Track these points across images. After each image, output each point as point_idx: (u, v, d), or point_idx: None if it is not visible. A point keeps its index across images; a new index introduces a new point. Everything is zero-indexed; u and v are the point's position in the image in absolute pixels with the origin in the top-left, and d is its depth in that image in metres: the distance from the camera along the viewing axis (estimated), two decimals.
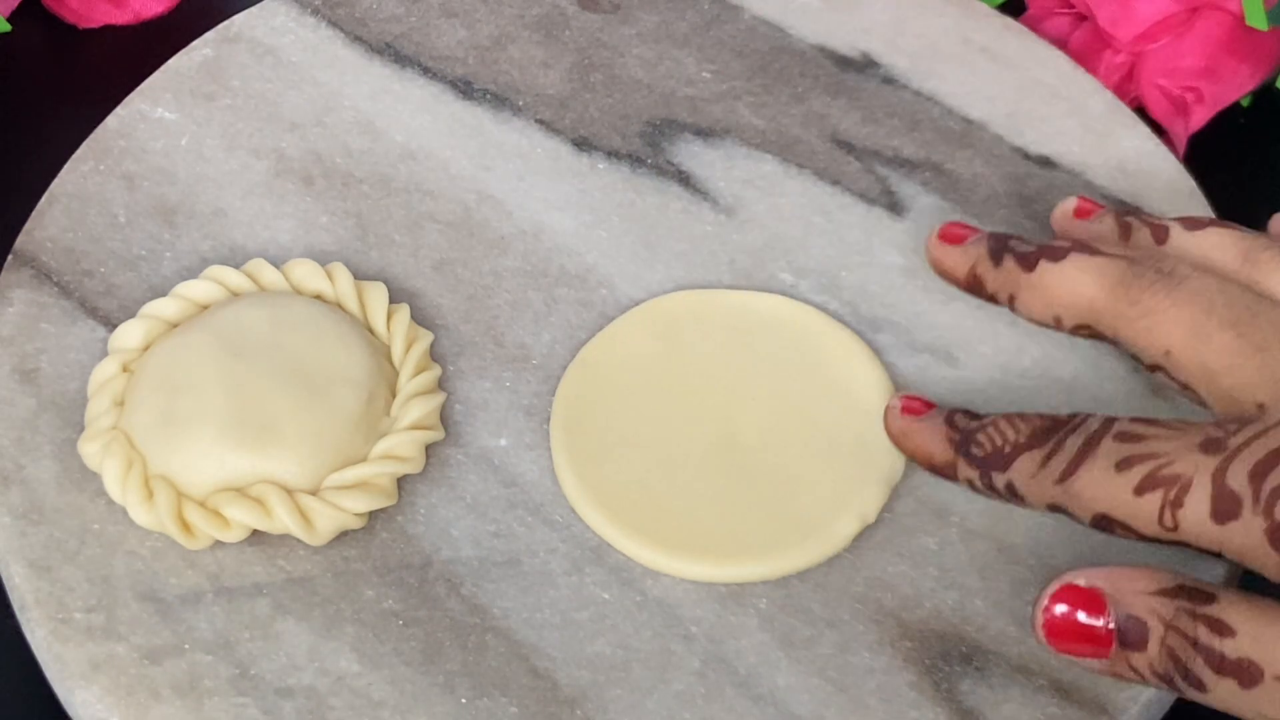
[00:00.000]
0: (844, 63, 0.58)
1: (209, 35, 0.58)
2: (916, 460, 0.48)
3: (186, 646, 0.46)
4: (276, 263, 0.53)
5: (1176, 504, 0.41)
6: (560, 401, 0.50)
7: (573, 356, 0.51)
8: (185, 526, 0.47)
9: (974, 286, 0.50)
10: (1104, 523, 0.43)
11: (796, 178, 0.55)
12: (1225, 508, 0.40)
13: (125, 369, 0.50)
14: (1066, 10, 0.64)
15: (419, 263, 0.53)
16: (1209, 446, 0.41)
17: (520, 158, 0.56)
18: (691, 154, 0.56)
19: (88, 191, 0.54)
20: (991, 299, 0.49)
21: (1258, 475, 0.40)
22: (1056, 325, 0.48)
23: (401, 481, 0.49)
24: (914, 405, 0.48)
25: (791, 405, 0.49)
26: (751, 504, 0.48)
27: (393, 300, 0.52)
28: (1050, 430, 0.44)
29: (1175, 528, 0.41)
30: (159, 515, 0.47)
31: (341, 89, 0.57)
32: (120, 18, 0.66)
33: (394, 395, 0.50)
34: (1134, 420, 0.43)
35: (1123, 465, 0.42)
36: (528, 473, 0.49)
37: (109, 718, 0.45)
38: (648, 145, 0.56)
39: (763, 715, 0.45)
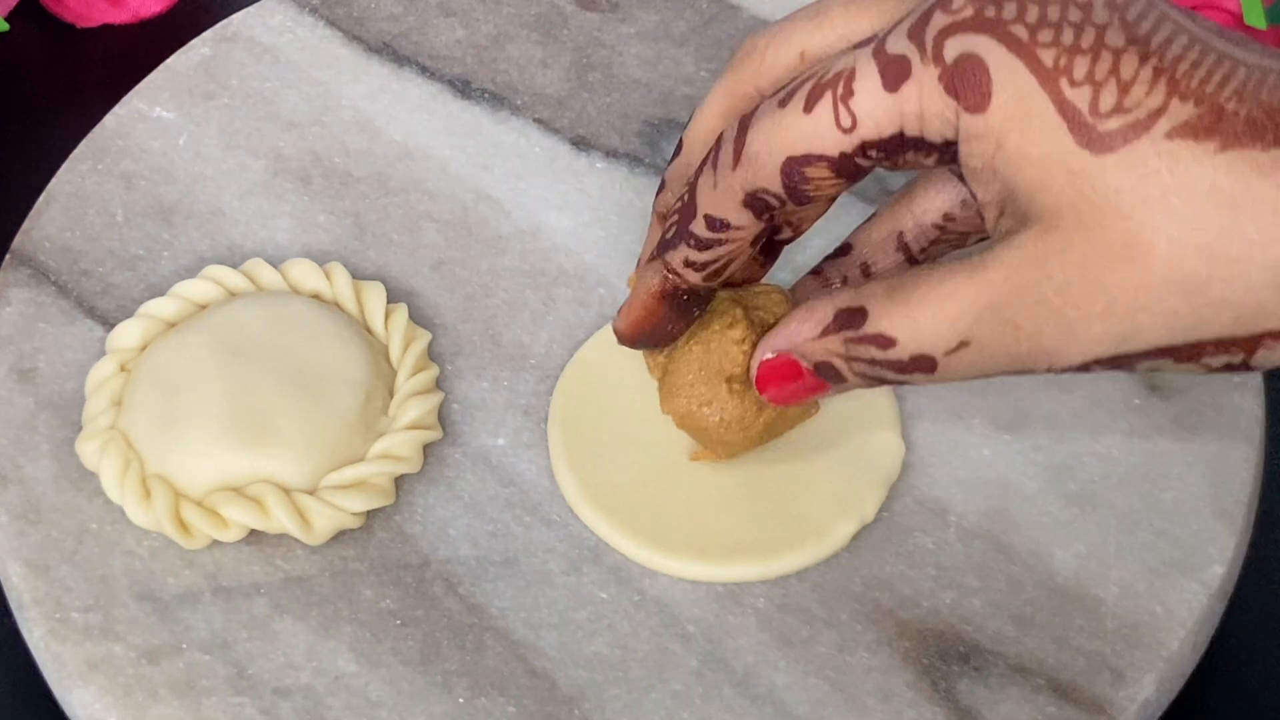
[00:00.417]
0: None
1: (207, 34, 0.58)
2: (656, 324, 0.45)
3: (184, 646, 0.46)
4: (274, 262, 0.53)
5: (846, 95, 0.40)
6: (558, 401, 0.50)
7: (570, 356, 0.51)
8: (183, 526, 0.47)
9: (668, 295, 0.46)
10: (794, 171, 0.41)
11: None
12: (895, 73, 0.39)
13: (123, 368, 0.50)
14: None
15: (417, 262, 0.53)
16: (861, 44, 0.41)
17: (518, 157, 0.56)
18: None
19: (86, 191, 0.54)
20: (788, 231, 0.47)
21: (917, 31, 0.39)
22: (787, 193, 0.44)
23: (399, 481, 0.49)
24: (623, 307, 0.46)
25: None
26: (749, 503, 0.48)
27: (391, 300, 0.52)
28: (714, 150, 0.43)
29: (854, 123, 0.40)
30: (156, 515, 0.47)
31: (339, 88, 0.57)
32: (118, 17, 0.66)
33: (392, 395, 0.50)
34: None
35: (784, 100, 0.41)
36: (525, 472, 0.49)
37: (106, 717, 0.45)
38: (646, 144, 0.56)
39: (761, 714, 0.45)
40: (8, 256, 0.53)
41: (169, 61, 0.58)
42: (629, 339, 0.46)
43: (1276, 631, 0.52)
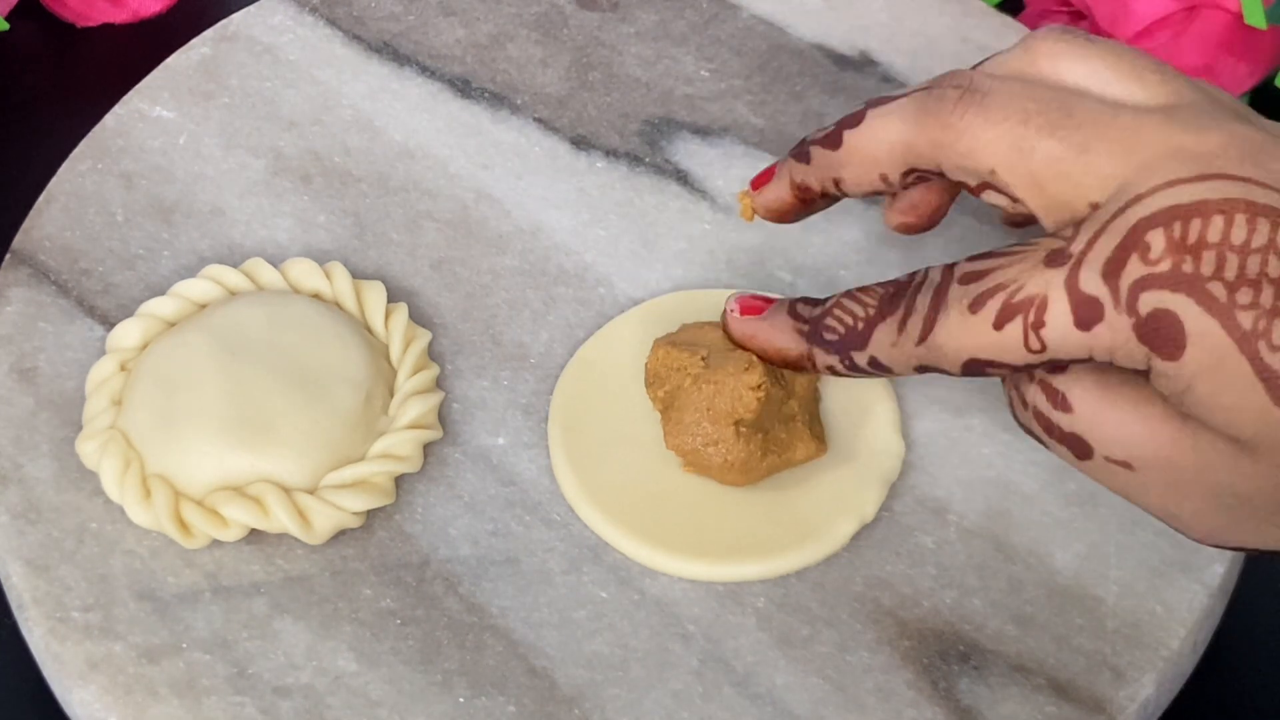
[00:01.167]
0: (842, 61, 0.58)
1: (207, 34, 0.58)
2: (768, 359, 0.46)
3: (184, 645, 0.46)
4: (274, 261, 0.53)
5: (1038, 325, 0.40)
6: (558, 400, 0.50)
7: (571, 355, 0.51)
8: (183, 525, 0.47)
9: (804, 199, 0.47)
10: (975, 367, 0.42)
11: None
12: (1087, 314, 0.39)
13: (123, 368, 0.50)
14: (1064, 9, 0.64)
15: (417, 261, 0.53)
16: (1054, 260, 0.40)
17: (518, 156, 0.56)
18: (690, 153, 0.56)
19: (86, 190, 0.54)
20: (825, 197, 0.47)
21: (1111, 273, 0.39)
22: (888, 185, 0.45)
23: (399, 480, 0.49)
24: (753, 304, 0.47)
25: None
26: (749, 503, 0.48)
27: (391, 299, 0.52)
28: (896, 295, 0.43)
29: (1043, 348, 0.40)
30: (157, 514, 0.47)
31: (339, 87, 0.57)
32: (118, 16, 0.66)
33: (392, 394, 0.50)
34: (973, 258, 0.42)
35: (975, 305, 0.41)
36: (525, 471, 0.49)
37: (107, 717, 0.45)
38: (646, 144, 0.56)
39: (761, 714, 0.45)
40: (8, 256, 0.53)
41: (169, 61, 0.58)
42: (733, 339, 0.47)
43: (1276, 631, 0.52)
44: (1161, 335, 0.38)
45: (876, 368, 0.44)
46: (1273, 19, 0.60)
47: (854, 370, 0.44)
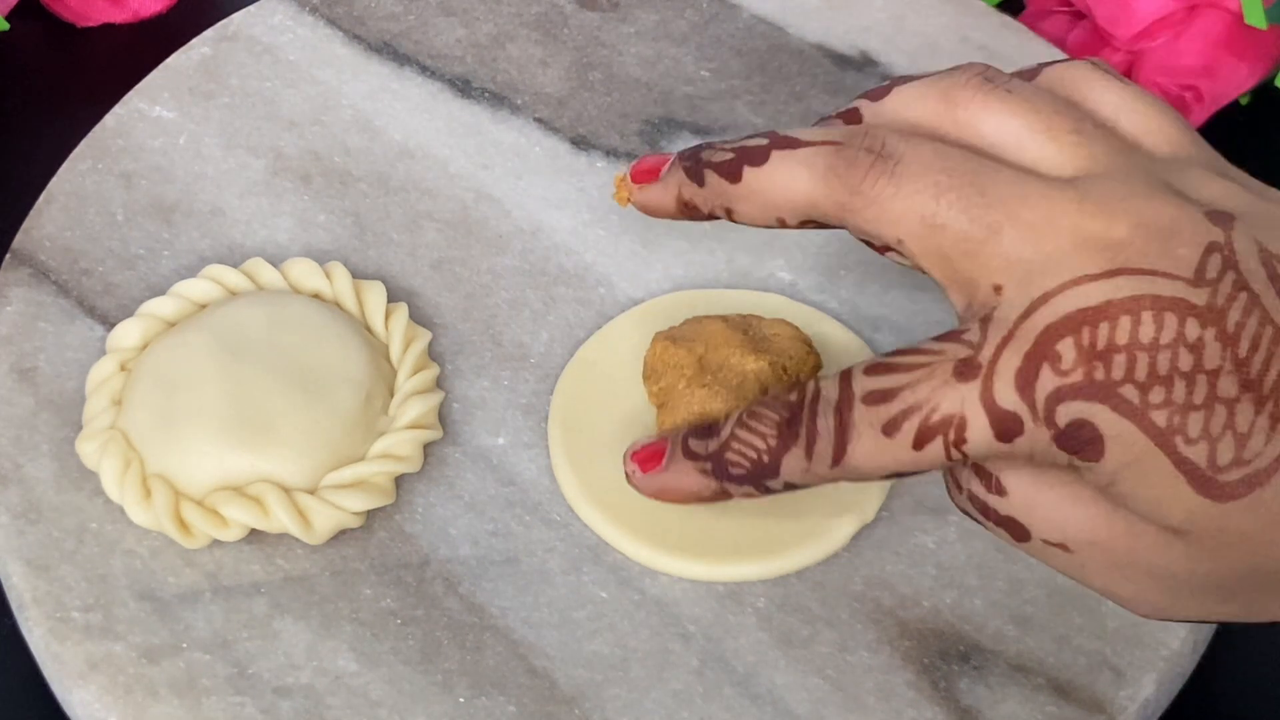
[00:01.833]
0: (843, 61, 0.58)
1: (207, 34, 0.58)
2: (687, 502, 0.45)
3: (184, 645, 0.46)
4: (274, 261, 0.53)
5: (959, 442, 0.40)
6: (558, 400, 0.50)
7: (571, 355, 0.51)
8: (183, 525, 0.47)
9: (689, 212, 0.46)
10: (897, 475, 0.41)
11: None
12: (1007, 429, 0.39)
13: (123, 368, 0.50)
14: (1065, 9, 0.64)
15: (417, 261, 0.53)
16: (964, 373, 0.39)
17: (518, 156, 0.56)
18: None
19: (86, 190, 0.54)
20: (710, 218, 0.45)
21: (1025, 386, 0.39)
22: (781, 225, 0.44)
23: (399, 480, 0.49)
24: (645, 456, 0.46)
25: None
26: (749, 503, 0.48)
27: (391, 299, 0.52)
28: (792, 420, 0.42)
29: (965, 458, 0.40)
30: (157, 514, 0.47)
31: (340, 87, 0.57)
32: (119, 16, 0.66)
33: (392, 394, 0.50)
34: (872, 370, 0.41)
35: (889, 429, 0.40)
36: (525, 471, 0.49)
37: (107, 717, 0.45)
38: (646, 144, 0.56)
39: (761, 714, 0.45)
40: (8, 256, 0.53)
41: (169, 61, 0.58)
42: (649, 497, 0.46)
43: (1276, 631, 0.52)
44: (1081, 442, 0.38)
45: (791, 489, 0.43)
46: (1273, 19, 0.60)
47: (769, 493, 0.43)
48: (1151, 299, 0.38)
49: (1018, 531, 0.40)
